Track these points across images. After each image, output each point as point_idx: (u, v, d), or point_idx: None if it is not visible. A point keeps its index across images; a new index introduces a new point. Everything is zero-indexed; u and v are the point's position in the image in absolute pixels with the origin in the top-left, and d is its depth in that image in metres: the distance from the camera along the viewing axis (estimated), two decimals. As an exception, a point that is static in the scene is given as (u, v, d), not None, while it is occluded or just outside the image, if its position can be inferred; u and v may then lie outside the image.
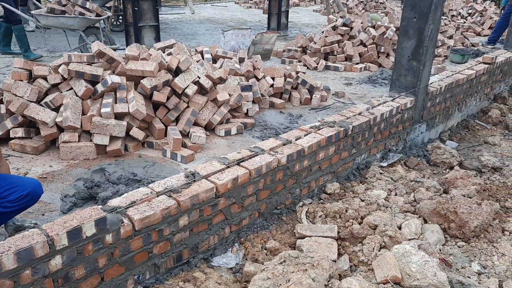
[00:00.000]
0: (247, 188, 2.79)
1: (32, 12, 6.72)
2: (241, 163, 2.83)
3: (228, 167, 2.78)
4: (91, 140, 3.57)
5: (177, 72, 4.07)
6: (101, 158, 3.56)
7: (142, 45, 5.17)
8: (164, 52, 4.89)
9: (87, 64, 3.90)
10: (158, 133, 3.78)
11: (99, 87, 3.73)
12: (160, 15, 9.36)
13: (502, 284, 2.38)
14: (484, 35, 10.09)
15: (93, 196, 3.02)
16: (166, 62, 3.98)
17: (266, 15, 10.25)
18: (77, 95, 3.74)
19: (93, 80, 3.79)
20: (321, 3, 15.60)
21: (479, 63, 5.68)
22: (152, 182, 2.90)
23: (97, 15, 6.72)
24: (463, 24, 10.42)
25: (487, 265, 2.56)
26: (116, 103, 3.70)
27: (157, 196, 2.40)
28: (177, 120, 3.99)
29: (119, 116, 3.68)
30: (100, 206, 2.21)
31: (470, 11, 11.46)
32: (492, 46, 8.77)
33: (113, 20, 9.23)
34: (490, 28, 10.25)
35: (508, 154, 4.35)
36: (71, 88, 3.83)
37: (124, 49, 6.34)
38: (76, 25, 6.48)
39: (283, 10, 9.84)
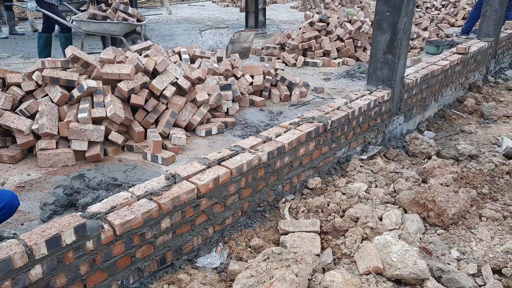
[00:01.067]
0: (229, 187, 2.80)
1: (72, 17, 6.63)
2: (222, 163, 2.84)
3: (209, 167, 2.78)
4: (69, 146, 3.53)
5: (154, 74, 4.04)
6: (80, 164, 3.52)
7: (118, 48, 5.12)
8: (141, 54, 4.85)
9: (62, 70, 3.84)
10: (137, 136, 3.75)
11: (75, 92, 3.68)
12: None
13: (480, 269, 2.45)
14: (458, 26, 10.28)
15: (73, 203, 2.99)
16: (143, 65, 3.95)
17: (244, 13, 10.25)
18: (52, 102, 3.69)
19: (69, 86, 3.74)
20: (298, -1, 15.66)
21: (453, 54, 5.79)
22: (133, 186, 2.88)
23: (138, 20, 6.65)
24: (437, 15, 10.60)
25: (466, 251, 2.63)
26: (93, 107, 3.66)
27: (138, 199, 2.38)
28: (156, 122, 3.97)
29: (97, 121, 3.64)
30: (79, 213, 2.18)
31: (443, 3, 11.65)
32: (465, 37, 8.95)
33: None
34: (463, 18, 10.44)
35: (484, 142, 4.45)
36: (46, 95, 3.78)
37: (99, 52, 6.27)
38: (118, 30, 6.41)
39: (260, 7, 9.85)
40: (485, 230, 2.76)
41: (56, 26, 6.66)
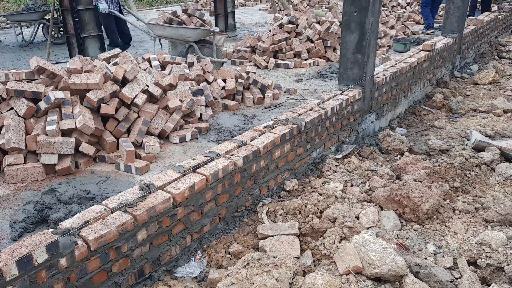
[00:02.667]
0: (205, 195, 2.77)
1: (146, 22, 6.51)
2: (197, 170, 2.80)
3: (184, 175, 2.74)
4: (38, 161, 3.41)
5: (124, 82, 3.96)
6: (50, 178, 3.41)
7: (86, 56, 5.00)
8: (109, 63, 4.74)
9: (27, 82, 3.72)
10: (109, 147, 3.66)
11: (42, 105, 3.57)
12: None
13: (456, 262, 2.50)
14: (423, 23, 10.54)
15: (44, 219, 2.89)
16: (112, 73, 3.87)
17: (213, 17, 10.20)
18: (18, 115, 3.56)
19: (35, 98, 3.62)
20: (266, 1, 15.73)
21: (420, 51, 5.93)
22: (106, 198, 2.81)
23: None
24: (403, 13, 10.83)
25: (442, 245, 2.68)
26: (61, 119, 3.55)
27: (112, 212, 2.32)
28: (128, 131, 3.89)
29: (66, 133, 3.54)
30: (51, 230, 2.11)
31: (408, 1, 11.94)
32: (432, 31, 9.23)
33: (53, 32, 8.87)
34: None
35: (453, 136, 4.57)
36: (12, 108, 3.64)
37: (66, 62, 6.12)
38: (194, 36, 6.30)
39: (229, 11, 9.84)
40: (459, 223, 2.83)
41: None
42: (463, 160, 3.69)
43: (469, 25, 7.68)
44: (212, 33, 6.46)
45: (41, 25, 9.36)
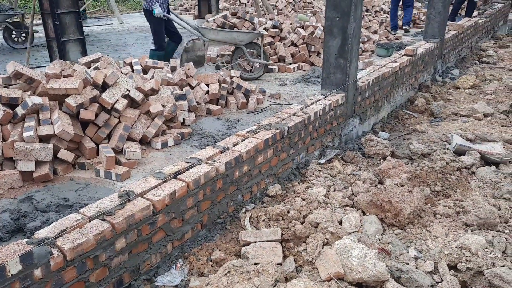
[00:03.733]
0: (187, 201, 2.73)
1: (198, 26, 6.49)
2: (178, 176, 2.76)
3: (165, 181, 2.70)
4: (15, 168, 3.33)
5: (104, 87, 3.90)
6: (28, 185, 3.33)
7: (66, 61, 4.92)
8: (90, 67, 4.68)
9: (4, 87, 3.63)
10: (89, 153, 3.60)
11: (19, 110, 3.49)
12: (86, 27, 8.99)
13: (437, 266, 2.51)
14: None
15: (20, 228, 2.81)
16: (91, 78, 3.81)
17: (197, 21, 10.18)
18: (-5, 121, 3.47)
19: (12, 103, 3.54)
20: (251, 5, 15.75)
21: (402, 56, 5.99)
22: (85, 205, 2.75)
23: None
24: (386, 18, 10.96)
25: (423, 249, 2.69)
26: (39, 125, 3.48)
27: (90, 221, 2.27)
28: (109, 137, 3.83)
29: (44, 139, 3.46)
30: (25, 240, 2.05)
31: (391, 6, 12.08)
32: (406, 28, 9.62)
33: (13, 36, 8.70)
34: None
35: (435, 140, 4.62)
36: (-12, 114, 3.55)
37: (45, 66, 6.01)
38: (246, 40, 6.30)
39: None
40: (440, 227, 2.85)
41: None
42: (444, 164, 3.72)
43: (450, 30, 7.80)
44: (260, 36, 6.56)
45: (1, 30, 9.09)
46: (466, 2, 10.28)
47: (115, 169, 3.43)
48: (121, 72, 4.56)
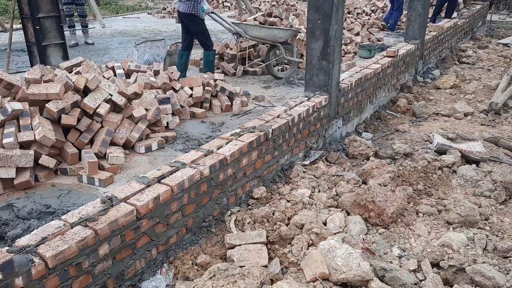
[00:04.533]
0: (171, 206, 2.71)
1: (241, 22, 6.55)
2: (162, 180, 2.75)
3: (148, 186, 2.68)
4: (-5, 175, 3.26)
5: (86, 92, 3.86)
6: (8, 193, 3.26)
7: (47, 66, 4.85)
8: (72, 71, 4.62)
9: (-18, 92, 3.56)
10: (71, 158, 3.55)
11: (-1, 116, 3.42)
12: (67, 32, 8.85)
13: (420, 264, 2.55)
14: (388, 29, 10.82)
15: (1, 236, 2.76)
16: (73, 82, 3.76)
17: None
18: (-27, 127, 3.40)
19: (-9, 109, 3.47)
20: (235, 8, 15.77)
21: (384, 57, 6.07)
22: (67, 212, 2.71)
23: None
24: (368, 20, 11.09)
25: (406, 247, 2.73)
26: (20, 131, 3.42)
27: (72, 227, 2.24)
28: (91, 142, 3.79)
29: (25, 145, 3.40)
30: (6, 248, 2.01)
31: (372, 8, 12.24)
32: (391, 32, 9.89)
33: None
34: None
35: (417, 140, 4.69)
36: (-34, 120, 3.48)
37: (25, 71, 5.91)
38: (284, 37, 6.46)
39: (197, 18, 9.78)
40: (422, 226, 2.89)
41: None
42: (426, 163, 3.78)
43: (430, 31, 7.93)
44: (296, 33, 6.74)
45: None
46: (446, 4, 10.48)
47: (98, 174, 3.39)
48: (103, 77, 4.51)
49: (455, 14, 10.42)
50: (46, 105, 3.55)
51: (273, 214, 3.02)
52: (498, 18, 12.61)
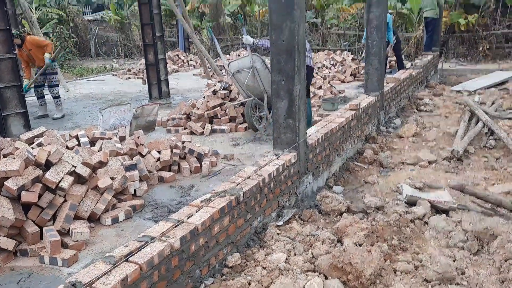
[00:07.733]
0: (140, 286, 2.56)
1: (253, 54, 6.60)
2: (130, 258, 2.61)
3: (116, 266, 2.53)
4: None
5: (48, 165, 3.72)
6: (-40, 282, 3.01)
7: (6, 138, 4.69)
8: (33, 143, 4.48)
9: None
10: (32, 238, 3.34)
11: (-48, 198, 3.22)
12: (29, 98, 8.72)
13: (403, 329, 2.47)
14: (348, 81, 11.29)
15: (-50, 335, 2.50)
16: (34, 157, 3.63)
17: (147, 85, 10.20)
18: None
19: None
20: (200, 66, 16.14)
21: (347, 110, 6.25)
22: (27, 301, 2.51)
23: None
24: (329, 74, 11.57)
25: (387, 311, 2.65)
26: (-25, 212, 3.21)
27: (31, 323, 2.05)
28: (54, 217, 3.60)
29: (-20, 227, 3.19)
30: None
31: (332, 62, 12.81)
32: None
33: None
34: (351, 75, 11.53)
35: (387, 191, 4.74)
36: None
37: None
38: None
39: (163, 79, 9.91)
40: (401, 286, 2.84)
41: None
42: (398, 216, 3.80)
43: (388, 83, 8.31)
44: None
45: None
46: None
47: (61, 253, 3.19)
48: (67, 147, 4.40)
49: (409, 65, 11.04)
50: (5, 183, 3.38)
51: (249, 284, 2.90)
52: (449, 66, 13.45)
